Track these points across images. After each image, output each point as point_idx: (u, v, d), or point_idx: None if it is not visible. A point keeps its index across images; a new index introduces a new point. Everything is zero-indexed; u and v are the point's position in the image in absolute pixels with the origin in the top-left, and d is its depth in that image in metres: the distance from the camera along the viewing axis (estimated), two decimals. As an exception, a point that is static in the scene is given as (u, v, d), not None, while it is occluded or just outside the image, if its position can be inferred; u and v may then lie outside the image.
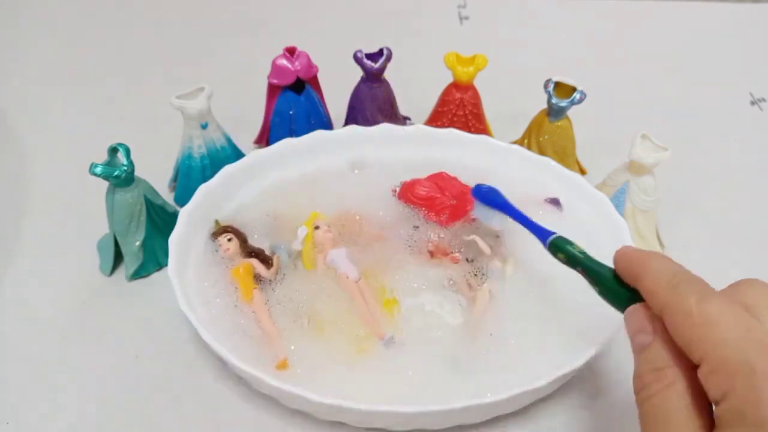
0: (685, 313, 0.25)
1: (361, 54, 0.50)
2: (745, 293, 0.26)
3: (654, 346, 0.26)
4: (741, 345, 0.23)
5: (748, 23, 0.76)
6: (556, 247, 0.35)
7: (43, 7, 0.76)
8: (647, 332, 0.27)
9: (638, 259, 0.29)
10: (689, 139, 0.57)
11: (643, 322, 0.27)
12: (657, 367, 0.25)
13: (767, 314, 0.25)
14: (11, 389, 0.39)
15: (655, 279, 0.27)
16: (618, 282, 0.30)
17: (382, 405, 0.33)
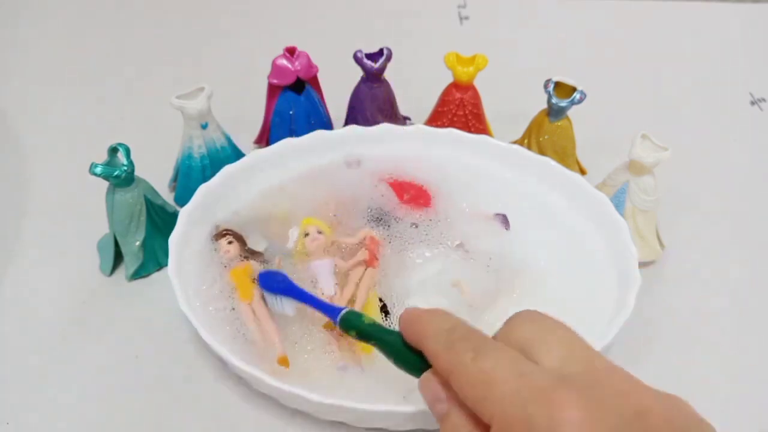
0: (464, 374, 0.25)
1: (361, 54, 0.50)
2: (519, 330, 0.26)
3: (453, 414, 0.26)
4: (518, 399, 0.23)
5: (748, 23, 0.76)
6: (346, 323, 0.33)
7: (43, 7, 0.76)
8: (442, 400, 0.26)
9: (418, 319, 0.28)
10: (689, 139, 0.57)
11: (436, 390, 0.26)
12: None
13: (540, 348, 0.25)
14: (11, 389, 0.39)
15: (434, 340, 0.27)
16: (409, 348, 0.29)
17: (382, 405, 0.33)
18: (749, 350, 0.42)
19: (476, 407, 0.24)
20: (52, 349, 0.41)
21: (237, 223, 0.44)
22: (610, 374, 0.24)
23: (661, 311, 0.44)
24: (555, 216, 0.45)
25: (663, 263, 0.47)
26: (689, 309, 0.44)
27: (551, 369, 0.24)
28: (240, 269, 0.40)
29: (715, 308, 0.44)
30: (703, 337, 0.43)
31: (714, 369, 0.41)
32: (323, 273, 0.40)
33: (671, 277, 0.46)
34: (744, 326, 0.44)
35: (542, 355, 0.25)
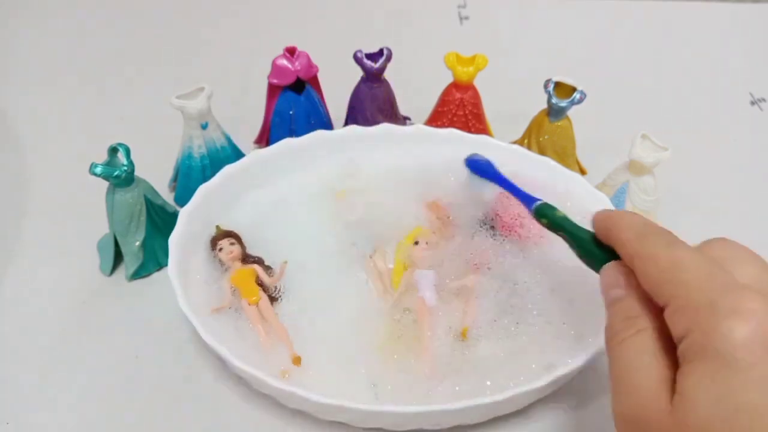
0: (653, 259, 0.26)
1: (361, 54, 0.50)
2: (713, 248, 0.27)
3: (626, 299, 0.27)
4: (704, 285, 0.24)
5: (748, 23, 0.76)
6: (540, 212, 0.36)
7: (43, 7, 0.76)
8: (620, 286, 0.27)
9: (612, 216, 0.30)
10: (689, 139, 0.57)
11: (617, 277, 0.28)
12: (629, 316, 0.26)
13: (732, 264, 0.25)
14: (11, 389, 0.39)
15: (626, 231, 0.28)
16: (596, 244, 0.31)
17: (382, 405, 0.33)
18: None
19: (656, 289, 0.25)
20: (52, 349, 0.41)
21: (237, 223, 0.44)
22: None
23: (661, 311, 0.44)
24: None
25: (663, 263, 0.47)
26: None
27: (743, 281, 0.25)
28: (244, 271, 0.40)
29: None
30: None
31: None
32: (426, 284, 0.40)
33: (671, 277, 0.46)
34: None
35: (735, 270, 0.25)
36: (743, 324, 0.22)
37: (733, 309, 0.22)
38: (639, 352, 0.25)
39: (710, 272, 0.24)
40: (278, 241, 0.43)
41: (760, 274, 0.25)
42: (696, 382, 0.22)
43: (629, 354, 0.25)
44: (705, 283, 0.24)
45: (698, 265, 0.25)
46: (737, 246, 0.27)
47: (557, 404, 0.38)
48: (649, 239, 0.27)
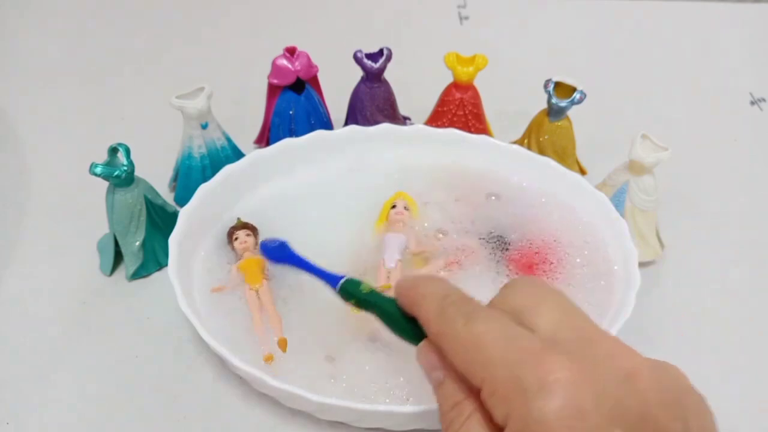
0: (455, 339, 0.25)
1: (361, 54, 0.50)
2: (513, 297, 0.26)
3: (447, 382, 0.26)
4: (507, 360, 0.23)
5: (748, 23, 0.76)
6: (345, 292, 0.33)
7: (43, 7, 0.76)
8: (438, 368, 0.26)
9: (414, 285, 0.28)
10: (689, 139, 0.57)
11: (432, 357, 0.26)
12: (455, 402, 0.25)
13: (533, 313, 0.25)
14: (11, 389, 0.39)
15: (426, 307, 0.27)
16: (404, 316, 0.29)
17: (382, 405, 0.33)
18: (749, 350, 0.42)
19: (466, 371, 0.24)
20: (52, 349, 0.41)
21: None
22: (601, 339, 0.24)
23: (661, 311, 0.44)
24: (555, 217, 0.45)
25: (663, 263, 0.47)
26: (689, 309, 0.44)
27: (543, 334, 0.24)
28: (253, 260, 0.41)
29: (715, 308, 0.44)
30: (703, 336, 0.43)
31: (714, 369, 0.40)
32: (391, 246, 0.42)
33: (671, 277, 0.46)
34: (744, 326, 0.44)
35: (535, 321, 0.25)
36: (552, 400, 0.21)
37: (540, 385, 0.21)
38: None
39: (510, 340, 0.23)
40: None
41: (561, 318, 0.25)
42: None
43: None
44: (507, 357, 0.23)
45: (498, 336, 0.24)
46: (537, 288, 0.26)
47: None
48: (448, 315, 0.25)
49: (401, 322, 0.29)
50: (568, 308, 0.26)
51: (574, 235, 0.44)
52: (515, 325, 0.24)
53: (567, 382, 0.21)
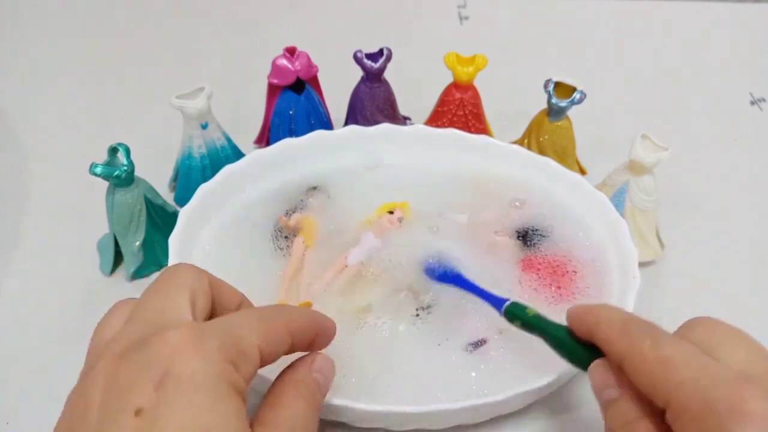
0: (641, 359, 0.25)
1: (361, 54, 0.50)
2: (696, 332, 0.26)
3: (622, 400, 0.26)
4: (699, 383, 0.23)
5: (748, 23, 0.76)
6: (511, 314, 0.34)
7: (43, 7, 0.76)
8: (613, 386, 0.27)
9: (588, 312, 0.29)
10: (689, 139, 0.57)
11: (608, 376, 0.27)
12: (628, 420, 0.25)
13: (720, 349, 0.25)
14: (11, 389, 0.39)
15: (607, 328, 0.27)
16: (576, 340, 0.30)
17: (382, 405, 0.33)
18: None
19: (652, 391, 0.24)
20: (52, 349, 0.41)
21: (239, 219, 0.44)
22: None
23: (661, 311, 0.44)
24: (555, 220, 0.45)
25: (663, 263, 0.47)
26: (689, 309, 0.44)
27: (733, 367, 0.24)
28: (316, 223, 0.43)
29: (715, 308, 0.44)
30: (703, 337, 0.43)
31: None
32: (365, 246, 0.42)
33: (671, 277, 0.46)
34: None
35: (723, 355, 0.25)
36: (750, 427, 0.21)
37: (737, 411, 0.22)
38: None
39: (702, 365, 0.24)
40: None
41: (749, 356, 0.25)
42: None
43: None
44: (700, 382, 0.23)
45: (688, 360, 0.24)
46: (721, 326, 0.27)
47: (557, 404, 0.38)
48: (633, 336, 0.26)
49: (571, 345, 0.30)
50: (754, 345, 0.26)
51: (574, 235, 0.44)
52: (705, 355, 0.24)
53: (762, 410, 0.21)
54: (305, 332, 0.29)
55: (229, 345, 0.25)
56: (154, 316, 0.26)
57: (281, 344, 0.27)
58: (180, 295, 0.27)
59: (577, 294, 0.40)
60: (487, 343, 0.37)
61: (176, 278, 0.28)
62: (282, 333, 0.27)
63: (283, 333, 0.27)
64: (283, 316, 0.28)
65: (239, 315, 0.27)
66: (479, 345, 0.37)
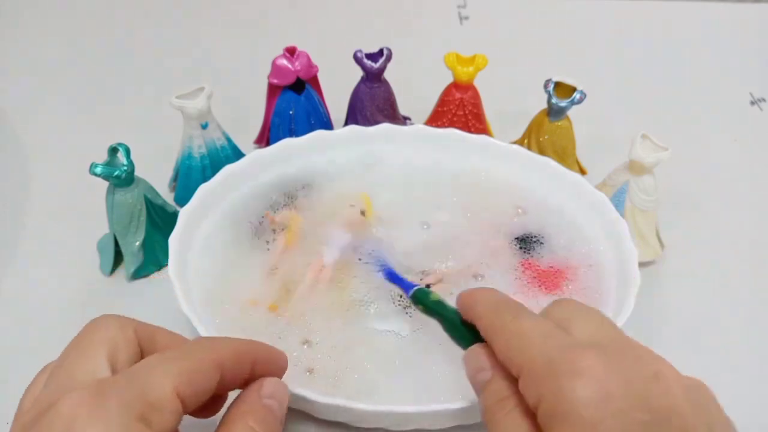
0: (502, 331, 0.27)
1: (361, 54, 0.50)
2: (555, 310, 0.28)
3: (494, 380, 0.27)
4: (544, 350, 0.24)
5: (748, 23, 0.76)
6: (415, 298, 0.36)
7: (43, 6, 0.76)
8: (486, 368, 0.28)
9: (470, 294, 0.31)
10: (689, 139, 0.57)
11: (480, 359, 0.28)
12: (500, 398, 0.26)
13: (571, 323, 0.27)
14: (11, 389, 0.39)
15: (482, 306, 0.29)
16: (463, 323, 0.31)
17: (382, 405, 0.33)
18: (750, 350, 0.42)
19: (509, 361, 0.26)
20: (52, 349, 0.41)
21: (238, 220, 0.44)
22: (634, 346, 0.25)
23: (661, 311, 0.44)
24: (556, 217, 0.45)
25: (663, 263, 0.47)
26: (689, 309, 0.44)
27: (579, 338, 0.26)
28: (301, 220, 0.43)
29: (715, 308, 0.44)
30: (703, 337, 0.43)
31: (714, 369, 0.40)
32: (335, 243, 0.42)
33: (671, 277, 0.46)
34: (744, 326, 0.44)
35: (575, 329, 0.26)
36: (585, 383, 0.22)
37: (572, 369, 0.23)
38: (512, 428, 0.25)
39: (548, 335, 0.25)
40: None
41: (598, 328, 0.26)
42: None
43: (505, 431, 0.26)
44: (543, 346, 0.25)
45: (538, 330, 0.26)
46: (577, 305, 0.28)
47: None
48: (499, 311, 0.28)
49: (459, 328, 0.31)
50: (606, 321, 0.27)
51: (574, 235, 0.44)
52: (558, 328, 0.26)
53: (596, 368, 0.23)
54: (238, 364, 0.27)
55: (134, 400, 0.23)
56: (64, 379, 0.25)
57: (207, 381, 0.26)
58: (96, 351, 0.26)
59: (575, 294, 0.40)
60: None
61: (94, 333, 0.27)
62: (207, 369, 0.26)
63: (208, 368, 0.26)
64: (208, 351, 0.26)
65: (152, 360, 0.25)
66: None
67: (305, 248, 0.42)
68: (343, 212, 0.44)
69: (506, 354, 0.26)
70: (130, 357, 0.27)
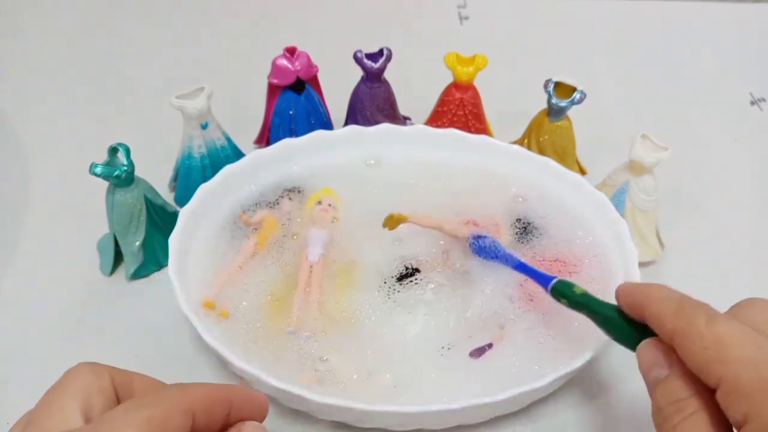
0: (695, 337, 0.25)
1: (361, 54, 0.50)
2: (748, 312, 0.26)
3: (671, 378, 0.26)
4: (755, 364, 0.23)
5: (748, 23, 0.76)
6: (558, 292, 0.34)
7: (43, 6, 0.76)
8: (662, 365, 0.27)
9: (640, 290, 0.29)
10: (689, 139, 0.57)
11: (656, 355, 0.27)
12: (677, 398, 0.25)
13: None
14: (11, 389, 0.39)
15: (659, 306, 0.27)
16: (624, 319, 0.30)
17: (382, 405, 0.33)
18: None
19: (704, 369, 0.24)
20: (52, 349, 0.41)
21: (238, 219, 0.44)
22: None
23: (661, 311, 0.44)
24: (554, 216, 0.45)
25: (663, 263, 0.47)
26: (689, 309, 0.44)
27: None
28: (277, 224, 0.44)
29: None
30: (703, 337, 0.43)
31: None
32: (315, 241, 0.42)
33: (671, 277, 0.46)
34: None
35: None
36: None
37: None
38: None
39: (758, 346, 0.24)
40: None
41: None
42: None
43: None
44: (755, 361, 0.23)
45: (744, 339, 0.24)
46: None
47: (557, 404, 0.38)
48: (687, 314, 0.26)
49: (619, 324, 0.30)
50: None
51: (574, 235, 0.44)
52: (758, 333, 0.24)
53: None
54: (211, 409, 0.26)
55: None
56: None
57: (176, 429, 0.25)
58: (69, 401, 0.25)
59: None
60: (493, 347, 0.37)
61: (68, 383, 0.26)
62: (176, 416, 0.25)
63: (177, 416, 0.25)
64: (178, 397, 0.26)
65: (119, 409, 0.25)
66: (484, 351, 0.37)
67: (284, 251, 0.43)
68: (313, 213, 0.45)
69: (701, 362, 0.24)
70: (106, 405, 0.26)
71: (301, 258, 0.42)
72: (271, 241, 0.43)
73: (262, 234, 0.43)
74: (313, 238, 0.43)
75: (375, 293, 0.40)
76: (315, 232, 0.43)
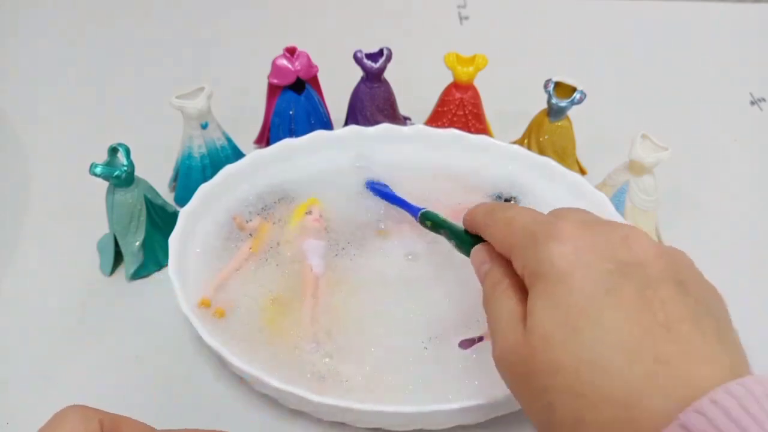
0: (495, 223, 0.31)
1: (361, 54, 0.50)
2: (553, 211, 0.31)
3: (492, 269, 0.31)
4: (527, 226, 0.28)
5: (748, 23, 0.76)
6: (424, 216, 0.40)
7: (43, 6, 0.76)
8: (486, 261, 0.31)
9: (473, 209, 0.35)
10: (689, 139, 0.57)
11: (483, 254, 0.32)
12: (496, 282, 0.30)
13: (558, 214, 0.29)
14: (11, 389, 0.39)
15: (479, 212, 0.33)
16: (468, 234, 0.35)
17: (382, 405, 0.33)
18: (750, 350, 0.42)
19: (502, 246, 0.30)
20: (52, 349, 0.41)
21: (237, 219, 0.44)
22: (611, 221, 0.28)
23: (661, 311, 0.44)
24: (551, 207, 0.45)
25: (663, 263, 0.47)
26: (689, 309, 0.44)
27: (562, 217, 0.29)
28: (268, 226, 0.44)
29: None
30: (703, 337, 0.43)
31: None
32: (315, 253, 0.42)
33: (671, 277, 0.46)
34: (744, 326, 0.43)
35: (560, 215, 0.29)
36: (560, 244, 0.26)
37: (550, 234, 0.26)
38: (502, 304, 0.28)
39: (533, 217, 0.29)
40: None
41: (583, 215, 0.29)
42: (534, 301, 0.26)
43: (495, 307, 0.29)
44: (529, 224, 0.28)
45: (524, 214, 0.30)
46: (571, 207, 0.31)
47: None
48: (494, 211, 0.32)
49: (464, 237, 0.35)
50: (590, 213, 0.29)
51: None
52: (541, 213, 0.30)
53: (571, 232, 0.26)
54: None
55: None
56: None
57: None
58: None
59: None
60: (483, 340, 0.37)
61: (56, 427, 0.27)
62: None
63: None
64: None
65: None
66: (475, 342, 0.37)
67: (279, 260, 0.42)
68: (305, 223, 0.44)
69: (500, 241, 0.30)
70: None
71: (304, 269, 0.41)
72: (267, 246, 0.43)
73: (258, 238, 0.43)
74: (311, 249, 0.42)
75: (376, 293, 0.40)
76: (313, 243, 0.42)
